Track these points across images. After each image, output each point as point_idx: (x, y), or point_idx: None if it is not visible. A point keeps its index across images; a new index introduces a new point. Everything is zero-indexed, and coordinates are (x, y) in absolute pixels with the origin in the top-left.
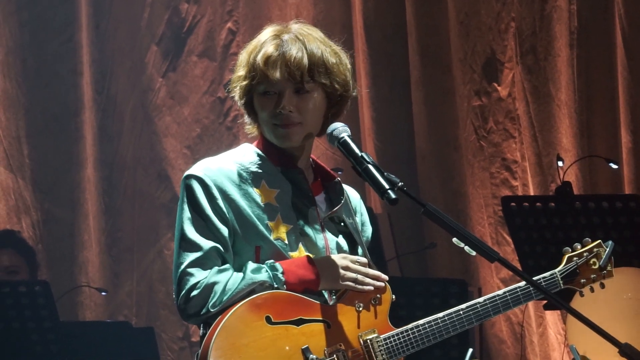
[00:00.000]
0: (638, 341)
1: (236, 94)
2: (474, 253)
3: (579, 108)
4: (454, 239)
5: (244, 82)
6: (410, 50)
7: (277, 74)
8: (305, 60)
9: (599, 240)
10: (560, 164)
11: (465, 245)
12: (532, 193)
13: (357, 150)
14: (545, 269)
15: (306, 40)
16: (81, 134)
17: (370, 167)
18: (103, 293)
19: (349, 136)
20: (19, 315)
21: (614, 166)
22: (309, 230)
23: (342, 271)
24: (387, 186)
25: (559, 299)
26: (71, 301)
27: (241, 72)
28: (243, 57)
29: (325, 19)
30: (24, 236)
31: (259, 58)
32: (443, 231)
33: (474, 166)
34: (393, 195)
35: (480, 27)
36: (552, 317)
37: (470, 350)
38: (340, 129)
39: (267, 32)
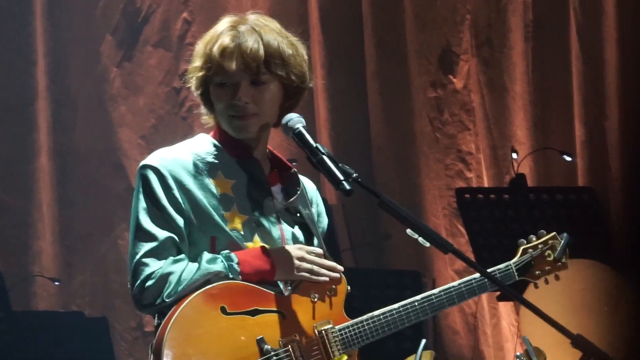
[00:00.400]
0: (590, 332)
1: (192, 84)
2: (428, 244)
3: (534, 100)
4: (408, 230)
5: (200, 73)
6: (366, 42)
7: (233, 65)
8: (262, 51)
9: (554, 233)
10: (514, 156)
11: (419, 236)
12: (486, 185)
13: (311, 141)
14: (500, 260)
15: (263, 31)
16: (35, 124)
17: (325, 158)
18: (56, 283)
19: (303, 127)
20: None
21: (568, 158)
22: (264, 221)
23: (297, 262)
24: (341, 177)
25: (512, 291)
26: (24, 291)
27: (197, 62)
28: (199, 47)
29: (282, 10)
30: None
31: (215, 49)
32: (398, 222)
33: (429, 158)
34: (348, 186)
35: (436, 19)
36: (505, 309)
37: (424, 341)
38: (295, 119)
39: (224, 23)
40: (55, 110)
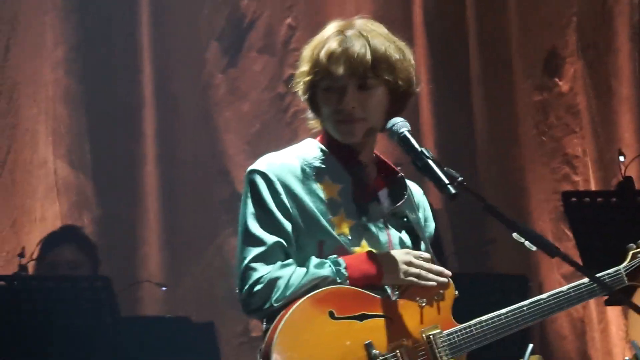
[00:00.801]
0: None
1: (299, 89)
2: (534, 248)
3: None
4: (514, 234)
5: (307, 78)
6: (470, 45)
7: (340, 70)
8: (369, 56)
9: None
10: (621, 159)
11: (526, 240)
12: (593, 188)
13: (416, 145)
14: (607, 264)
15: (370, 36)
16: (142, 131)
17: (430, 161)
18: (163, 288)
19: (408, 131)
20: (80, 310)
21: None
22: (371, 225)
23: (404, 266)
24: (446, 181)
25: (622, 295)
26: (131, 297)
27: (305, 67)
28: (307, 52)
29: (385, 14)
30: (85, 232)
31: (322, 54)
32: (503, 227)
33: (535, 161)
34: (453, 190)
35: (541, 22)
36: (613, 313)
37: (531, 345)
38: (400, 124)
39: (331, 28)
40: (161, 117)
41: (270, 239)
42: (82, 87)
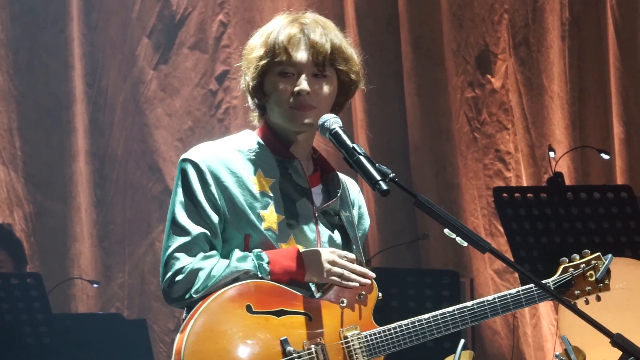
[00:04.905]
0: (630, 331)
1: (249, 75)
2: (465, 244)
3: (571, 99)
4: (446, 230)
5: (263, 62)
6: (402, 42)
7: (302, 55)
8: (328, 45)
9: (598, 253)
10: (552, 154)
11: (457, 236)
12: (525, 184)
13: (348, 142)
14: (537, 259)
15: (326, 27)
16: (73, 127)
17: (362, 158)
18: (95, 285)
19: (340, 127)
20: (11, 307)
21: (606, 157)
22: (301, 221)
23: (328, 265)
24: (378, 177)
25: (552, 290)
26: (63, 293)
27: (257, 53)
28: (256, 41)
29: (317, 10)
30: (14, 229)
31: (283, 37)
32: (436, 222)
33: (467, 157)
34: (384, 187)
35: (474, 19)
36: (545, 309)
37: (462, 341)
38: (331, 120)
39: (281, 19)
40: (92, 113)
41: (195, 229)
42: (13, 83)
